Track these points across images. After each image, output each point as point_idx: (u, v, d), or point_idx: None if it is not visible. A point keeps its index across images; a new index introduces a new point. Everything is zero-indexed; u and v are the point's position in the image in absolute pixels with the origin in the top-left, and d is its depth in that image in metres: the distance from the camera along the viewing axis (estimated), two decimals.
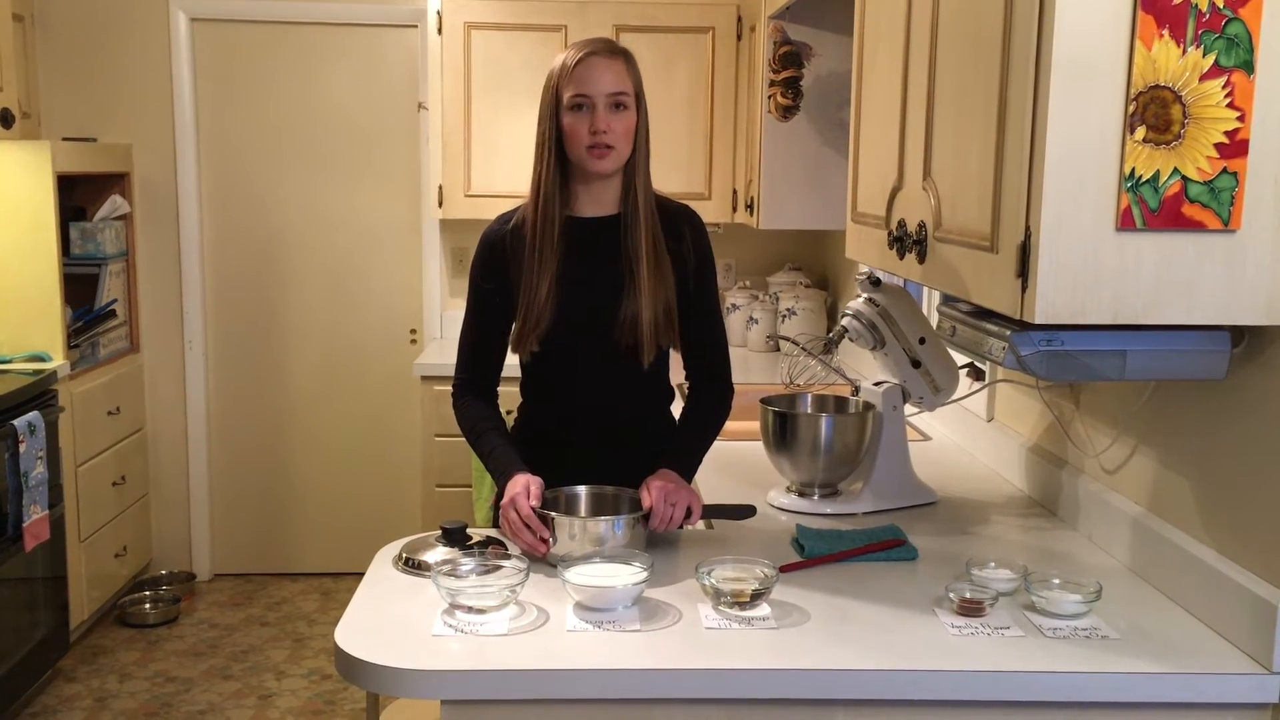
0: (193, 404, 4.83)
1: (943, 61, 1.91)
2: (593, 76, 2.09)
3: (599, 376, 2.24)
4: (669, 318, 2.20)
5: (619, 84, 2.10)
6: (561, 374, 2.25)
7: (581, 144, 2.11)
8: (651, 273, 2.15)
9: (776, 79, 3.71)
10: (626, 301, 2.16)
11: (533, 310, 2.16)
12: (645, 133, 2.18)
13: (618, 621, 1.77)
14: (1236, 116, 1.52)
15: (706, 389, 2.32)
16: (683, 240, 2.23)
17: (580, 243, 2.18)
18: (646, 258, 2.15)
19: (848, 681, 1.64)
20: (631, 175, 2.17)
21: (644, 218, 2.16)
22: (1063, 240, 1.54)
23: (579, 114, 2.10)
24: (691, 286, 2.24)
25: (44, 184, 3.92)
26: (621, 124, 2.11)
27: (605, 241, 2.19)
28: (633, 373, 2.22)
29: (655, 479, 2.09)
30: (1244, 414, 1.74)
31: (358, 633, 1.75)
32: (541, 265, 2.15)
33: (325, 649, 4.20)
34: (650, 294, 2.15)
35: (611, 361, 2.21)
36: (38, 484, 3.59)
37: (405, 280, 4.87)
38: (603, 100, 2.09)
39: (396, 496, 4.91)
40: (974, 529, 2.30)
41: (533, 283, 2.16)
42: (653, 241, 2.17)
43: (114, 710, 3.72)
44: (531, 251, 2.16)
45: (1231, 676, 1.63)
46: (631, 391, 2.28)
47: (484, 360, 2.27)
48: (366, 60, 4.76)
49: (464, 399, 2.28)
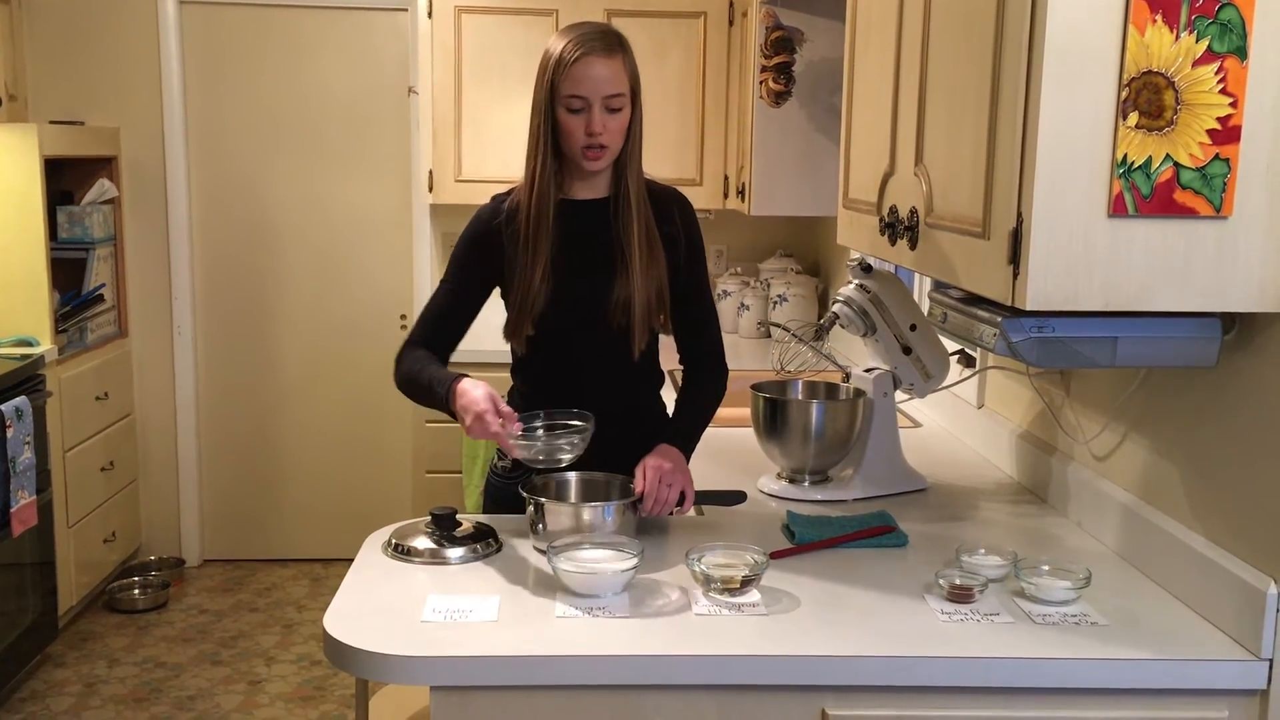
0: (182, 389, 4.82)
1: (935, 47, 1.90)
2: (590, 77, 2.08)
3: (591, 360, 2.25)
4: (660, 300, 2.21)
5: (616, 85, 2.10)
6: (554, 358, 2.25)
7: (577, 143, 2.11)
8: (643, 256, 2.17)
9: (768, 64, 3.69)
10: (619, 284, 2.17)
11: (527, 294, 2.16)
12: (640, 122, 2.18)
13: (608, 608, 1.77)
14: (1229, 102, 1.52)
15: (701, 369, 2.32)
16: (672, 222, 2.24)
17: (573, 225, 2.19)
18: (638, 241, 2.16)
19: (837, 668, 1.64)
20: (624, 163, 2.18)
21: (635, 202, 2.17)
22: (1054, 226, 1.54)
23: (575, 115, 2.10)
24: (683, 269, 2.25)
25: (31, 167, 3.90)
26: (617, 123, 2.12)
27: (598, 224, 2.20)
28: (624, 357, 2.22)
29: (652, 457, 2.10)
30: (1234, 401, 1.75)
31: (347, 618, 1.74)
32: (535, 250, 2.16)
33: (315, 635, 4.19)
34: (642, 277, 2.16)
35: (604, 345, 2.22)
36: (25, 469, 3.57)
37: (395, 265, 4.85)
38: (599, 102, 2.09)
39: (386, 482, 4.91)
40: (964, 515, 2.30)
41: (527, 266, 2.16)
42: (644, 225, 2.18)
43: (103, 695, 3.71)
44: (525, 238, 2.16)
45: (1220, 663, 1.64)
46: (623, 376, 2.28)
47: (445, 330, 2.24)
48: (356, 44, 4.73)
49: (414, 349, 2.21)
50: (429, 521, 2.05)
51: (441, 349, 2.24)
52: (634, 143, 2.17)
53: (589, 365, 2.25)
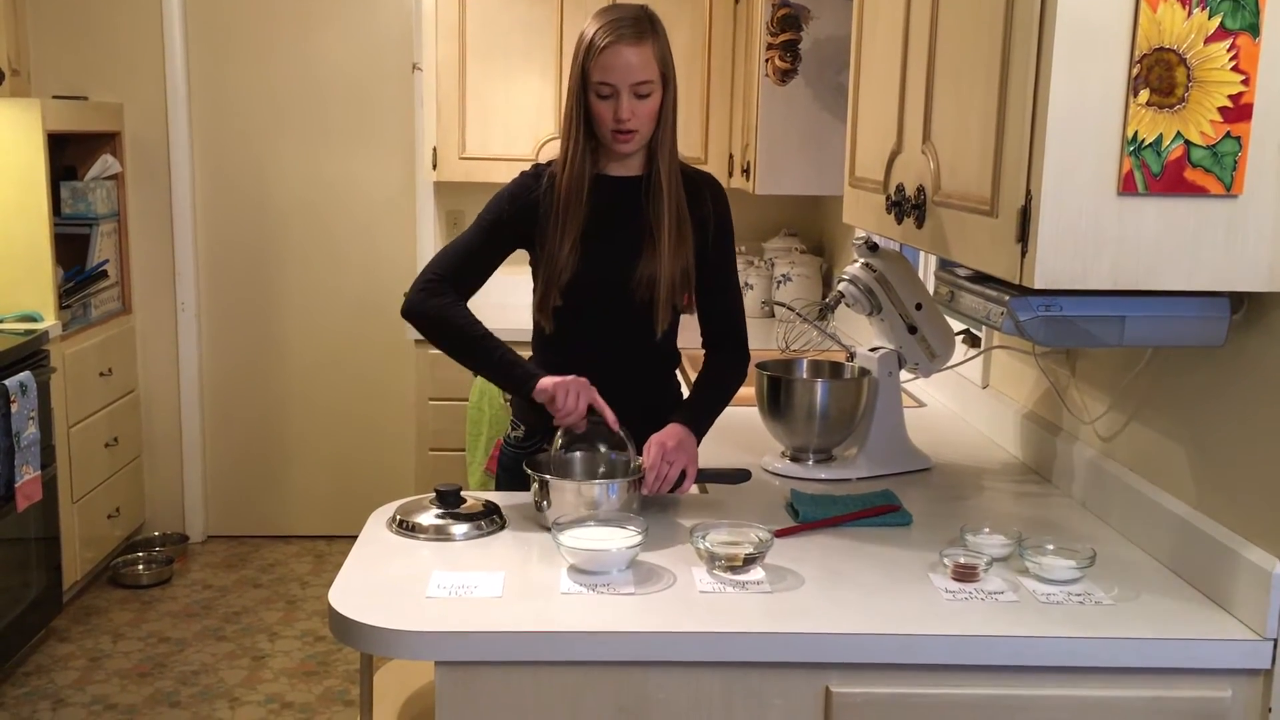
0: (185, 366, 4.82)
1: (944, 23, 1.89)
2: (617, 65, 2.11)
3: (614, 336, 2.28)
4: (686, 280, 2.25)
5: (645, 72, 2.12)
6: (577, 330, 2.28)
7: (607, 127, 2.15)
8: (672, 236, 2.20)
9: (775, 42, 3.67)
10: (645, 260, 2.20)
11: (555, 264, 2.20)
12: (673, 104, 2.20)
13: (612, 585, 1.77)
14: (1241, 80, 1.50)
15: (724, 352, 2.35)
16: (704, 205, 2.27)
17: (606, 200, 2.23)
18: (668, 221, 2.19)
19: (841, 645, 1.64)
20: (656, 144, 2.21)
21: (667, 183, 2.20)
22: (1064, 204, 1.53)
23: (604, 100, 2.13)
24: (711, 253, 2.28)
25: (34, 142, 3.89)
26: (646, 108, 2.15)
27: (630, 202, 2.23)
28: (647, 335, 2.26)
29: (661, 435, 2.12)
30: (1242, 381, 1.74)
31: (352, 594, 1.75)
32: (567, 222, 2.19)
33: (318, 611, 4.21)
34: (670, 255, 2.20)
35: (627, 322, 2.25)
36: (29, 444, 3.58)
37: (399, 242, 4.84)
38: (627, 90, 2.12)
39: (390, 460, 4.91)
40: (968, 495, 2.30)
41: (558, 237, 2.20)
42: (675, 206, 2.21)
43: (107, 670, 3.73)
44: (558, 210, 2.20)
45: (1225, 642, 1.64)
46: (643, 353, 2.32)
47: (469, 271, 2.26)
48: (360, 20, 4.71)
49: (443, 297, 2.24)
50: (434, 498, 2.05)
51: (464, 291, 2.26)
52: (665, 126, 2.20)
53: (611, 341, 2.28)
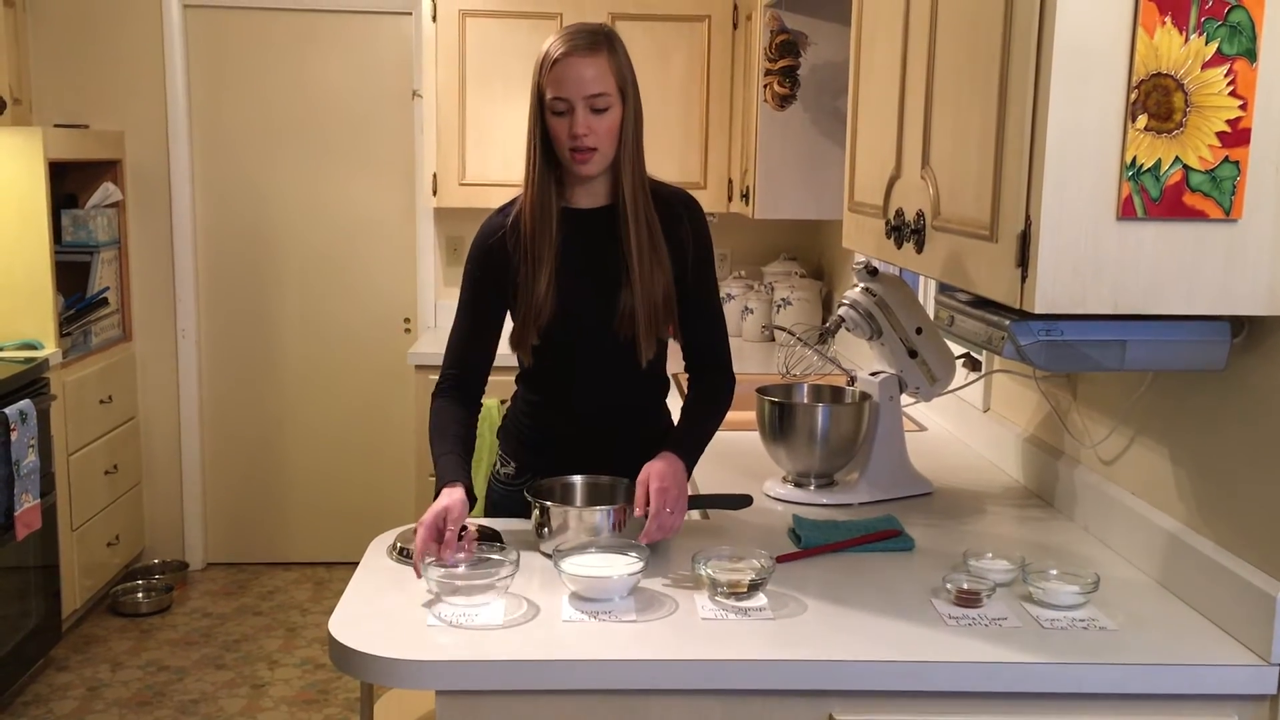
0: (185, 393, 4.81)
1: (942, 49, 1.90)
2: (570, 77, 2.02)
3: (598, 368, 2.22)
4: (668, 308, 2.17)
5: (599, 84, 2.03)
6: (560, 366, 2.23)
7: (564, 146, 2.07)
8: (647, 264, 2.12)
9: (773, 68, 3.68)
10: (624, 293, 2.13)
11: (532, 304, 2.12)
12: (635, 123, 2.10)
13: (613, 612, 1.76)
14: (1239, 105, 1.51)
15: (708, 377, 2.27)
16: (681, 226, 2.19)
17: (577, 234, 2.15)
18: (640, 249, 2.11)
19: (844, 672, 1.63)
20: (619, 170, 2.12)
21: (636, 210, 2.11)
22: (1063, 229, 1.53)
23: (560, 117, 2.05)
24: (690, 274, 2.21)
25: (35, 170, 3.90)
26: (603, 124, 2.05)
27: (602, 232, 2.15)
28: (631, 365, 2.19)
29: (655, 475, 2.01)
30: (1243, 404, 1.74)
31: (352, 622, 1.74)
32: (539, 259, 2.11)
33: (318, 638, 4.19)
34: (647, 286, 2.12)
35: (610, 354, 2.18)
36: (29, 472, 3.57)
37: (399, 269, 4.85)
38: (581, 103, 2.03)
39: (390, 486, 4.90)
40: (970, 520, 2.29)
41: (531, 276, 2.12)
42: (648, 232, 2.12)
43: (106, 699, 3.71)
44: (528, 246, 2.12)
45: (1230, 668, 1.63)
46: (629, 383, 2.25)
47: (473, 356, 2.22)
48: (360, 48, 4.73)
49: (444, 398, 2.19)
50: None
51: (475, 378, 2.21)
52: (627, 146, 2.10)
53: (594, 373, 2.23)
